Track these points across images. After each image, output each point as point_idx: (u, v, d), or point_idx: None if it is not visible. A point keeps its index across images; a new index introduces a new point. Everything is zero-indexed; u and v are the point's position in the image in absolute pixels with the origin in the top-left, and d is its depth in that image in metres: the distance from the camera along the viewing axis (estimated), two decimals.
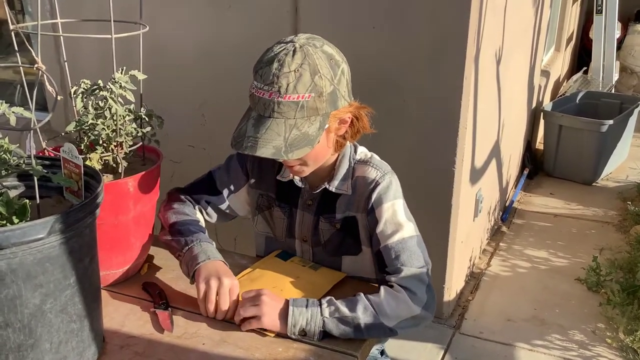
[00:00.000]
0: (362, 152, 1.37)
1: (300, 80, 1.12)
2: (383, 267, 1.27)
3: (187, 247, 1.29)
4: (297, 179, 1.36)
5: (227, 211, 1.47)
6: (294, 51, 1.13)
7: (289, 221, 1.42)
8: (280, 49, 1.14)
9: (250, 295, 1.19)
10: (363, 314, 1.15)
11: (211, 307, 1.19)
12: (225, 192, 1.45)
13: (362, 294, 1.19)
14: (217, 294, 1.19)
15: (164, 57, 2.51)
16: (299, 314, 1.15)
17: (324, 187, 1.33)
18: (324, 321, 1.15)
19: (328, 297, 1.19)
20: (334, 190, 1.33)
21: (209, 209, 1.45)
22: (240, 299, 1.21)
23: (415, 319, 1.19)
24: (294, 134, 1.14)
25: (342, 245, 1.38)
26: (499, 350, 2.34)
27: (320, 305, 1.17)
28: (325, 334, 1.15)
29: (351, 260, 1.39)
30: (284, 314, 1.15)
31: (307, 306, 1.16)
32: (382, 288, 1.20)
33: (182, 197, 1.44)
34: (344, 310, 1.16)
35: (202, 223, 1.41)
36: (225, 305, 1.19)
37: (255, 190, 1.45)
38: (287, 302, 1.17)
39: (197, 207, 1.43)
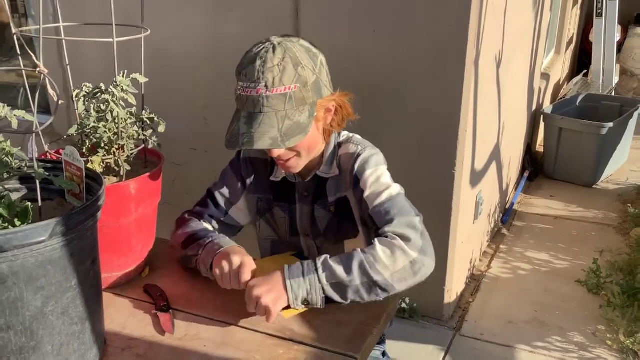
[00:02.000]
0: (344, 134, 1.40)
1: (284, 72, 1.16)
2: (376, 230, 1.27)
3: (202, 248, 1.30)
4: (290, 175, 1.39)
5: (231, 223, 1.49)
6: (274, 47, 1.18)
7: (290, 218, 1.44)
8: (260, 48, 1.19)
9: (249, 300, 1.18)
10: (360, 273, 1.15)
11: (228, 287, 1.22)
12: (226, 205, 1.46)
13: (358, 250, 1.19)
14: (229, 273, 1.21)
15: (166, 60, 2.52)
16: (297, 286, 1.15)
17: (314, 174, 1.37)
18: (323, 288, 1.15)
19: (323, 258, 1.18)
20: (323, 174, 1.36)
21: (213, 223, 1.47)
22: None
23: (414, 265, 1.17)
24: (287, 124, 1.18)
25: (340, 230, 1.40)
26: (499, 352, 2.34)
27: (317, 270, 1.16)
28: (329, 300, 1.16)
29: (352, 244, 1.40)
30: (283, 288, 1.16)
31: (303, 275, 1.16)
32: (376, 240, 1.20)
33: (186, 216, 1.46)
34: (341, 272, 1.15)
35: (211, 229, 1.43)
36: (236, 285, 1.21)
37: (254, 195, 1.47)
38: (283, 275, 1.17)
39: (202, 220, 1.45)
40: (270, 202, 1.45)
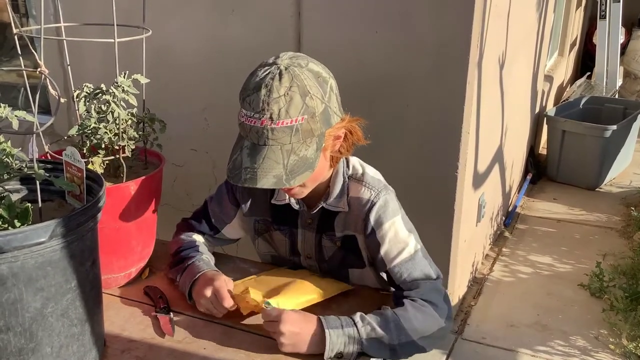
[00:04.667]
0: (353, 166, 1.32)
1: (291, 104, 1.07)
2: (394, 284, 1.26)
3: (179, 274, 1.31)
4: (293, 201, 1.33)
5: (224, 238, 1.47)
6: (280, 74, 1.08)
7: (290, 241, 1.39)
8: (265, 73, 1.09)
9: (272, 315, 1.14)
10: (396, 333, 1.14)
11: (219, 315, 1.21)
12: (219, 223, 1.43)
13: (389, 309, 1.18)
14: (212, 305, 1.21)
15: (167, 61, 2.51)
16: (337, 337, 1.11)
17: (321, 206, 1.30)
18: (362, 343, 1.12)
19: (359, 314, 1.16)
20: (330, 208, 1.30)
21: (207, 237, 1.45)
22: (249, 301, 1.20)
23: (442, 331, 1.20)
24: (293, 160, 1.10)
25: (346, 261, 1.36)
26: (501, 356, 2.33)
27: (356, 324, 1.13)
28: (360, 354, 1.13)
29: (358, 272, 1.38)
30: (319, 338, 1.11)
31: (342, 327, 1.13)
32: (407, 303, 1.19)
33: (183, 224, 1.47)
34: (379, 330, 1.13)
35: (199, 242, 1.40)
36: (224, 310, 1.20)
37: (250, 217, 1.41)
38: (320, 324, 1.13)
39: (194, 233, 1.44)
40: (268, 224, 1.40)
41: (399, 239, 1.25)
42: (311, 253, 1.38)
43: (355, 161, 1.33)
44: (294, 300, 1.23)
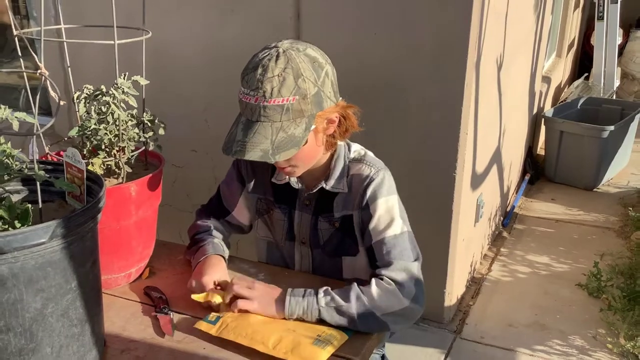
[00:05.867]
0: (356, 150, 1.39)
1: (284, 84, 1.15)
2: (374, 263, 1.30)
3: (192, 259, 1.40)
4: (293, 180, 1.39)
5: (235, 223, 1.51)
6: (277, 56, 1.16)
7: (289, 222, 1.44)
8: (265, 55, 1.18)
9: (244, 281, 1.24)
10: (356, 305, 1.19)
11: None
12: (229, 205, 1.49)
13: (355, 284, 1.23)
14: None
15: (167, 62, 2.52)
16: (296, 303, 1.19)
17: (320, 186, 1.36)
18: (319, 310, 1.19)
19: (325, 287, 1.22)
20: (330, 189, 1.35)
21: (222, 222, 1.51)
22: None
23: (405, 312, 1.22)
24: (281, 137, 1.17)
25: (341, 246, 1.40)
26: (499, 356, 2.34)
27: (317, 294, 1.20)
28: (321, 321, 1.19)
29: (350, 261, 1.40)
30: (280, 302, 1.20)
31: (303, 296, 1.20)
32: (372, 280, 1.24)
33: (201, 210, 1.54)
34: (338, 299, 1.19)
35: (213, 226, 1.47)
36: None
37: (254, 195, 1.47)
38: (284, 291, 1.22)
39: (209, 219, 1.50)
40: (269, 204, 1.45)
41: (390, 215, 1.30)
42: (306, 237, 1.43)
43: (357, 146, 1.41)
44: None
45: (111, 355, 1.12)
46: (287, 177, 1.38)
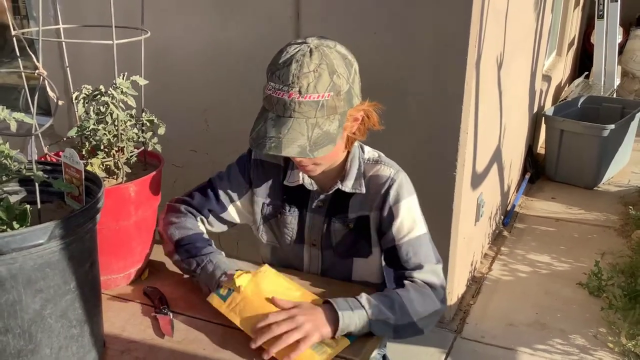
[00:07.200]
0: (369, 151, 1.39)
1: (319, 80, 1.13)
2: (397, 263, 1.29)
3: (199, 267, 1.29)
4: (307, 182, 1.35)
5: (228, 219, 1.46)
6: (311, 51, 1.14)
7: (299, 226, 1.40)
8: (296, 50, 1.15)
9: (281, 316, 1.13)
10: (400, 314, 1.18)
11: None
12: (227, 200, 1.43)
13: (393, 291, 1.22)
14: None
15: (167, 62, 2.52)
16: (349, 318, 1.14)
17: (336, 187, 1.33)
18: (370, 324, 1.16)
19: (365, 296, 1.18)
20: (348, 190, 1.33)
21: (211, 218, 1.43)
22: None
23: (437, 314, 1.24)
24: (317, 133, 1.15)
25: (354, 247, 1.37)
26: (500, 355, 2.34)
27: (363, 306, 1.16)
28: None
29: (362, 263, 1.39)
30: (332, 320, 1.13)
31: (352, 309, 1.15)
32: (407, 284, 1.24)
33: (182, 208, 1.41)
34: (386, 311, 1.17)
35: (206, 235, 1.40)
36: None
37: (260, 199, 1.43)
38: (330, 307, 1.15)
39: (198, 217, 1.42)
40: (278, 208, 1.41)
41: (412, 217, 1.31)
42: (317, 239, 1.39)
43: (368, 148, 1.40)
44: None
45: (111, 356, 1.12)
46: (301, 179, 1.35)
